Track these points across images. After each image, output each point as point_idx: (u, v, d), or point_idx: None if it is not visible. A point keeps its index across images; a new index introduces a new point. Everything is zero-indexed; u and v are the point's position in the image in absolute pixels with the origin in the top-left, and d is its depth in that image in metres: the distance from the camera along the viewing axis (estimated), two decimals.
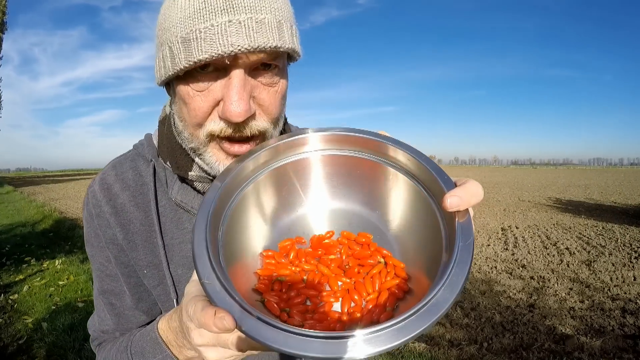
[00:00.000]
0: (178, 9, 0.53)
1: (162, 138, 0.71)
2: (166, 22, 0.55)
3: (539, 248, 6.41)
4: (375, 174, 0.56)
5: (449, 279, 0.40)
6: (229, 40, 0.50)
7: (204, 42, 0.50)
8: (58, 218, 9.57)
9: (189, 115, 0.59)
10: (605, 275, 4.94)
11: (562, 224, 8.69)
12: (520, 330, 3.46)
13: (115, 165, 0.73)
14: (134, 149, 0.75)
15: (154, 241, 0.68)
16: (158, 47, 0.58)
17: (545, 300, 4.17)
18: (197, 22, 0.51)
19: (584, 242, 6.78)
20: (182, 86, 0.57)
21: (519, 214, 10.32)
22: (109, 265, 0.71)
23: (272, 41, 0.52)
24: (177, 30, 0.52)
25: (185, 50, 0.51)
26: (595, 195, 15.57)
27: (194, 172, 0.66)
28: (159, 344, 0.59)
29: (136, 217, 0.68)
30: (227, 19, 0.50)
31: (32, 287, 4.65)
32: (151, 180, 0.69)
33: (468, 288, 4.48)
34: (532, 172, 55.43)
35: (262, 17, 0.52)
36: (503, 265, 5.45)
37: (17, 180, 35.49)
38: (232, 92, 0.53)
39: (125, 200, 0.69)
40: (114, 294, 0.72)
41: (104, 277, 0.72)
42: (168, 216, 0.69)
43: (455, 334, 3.40)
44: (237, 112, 0.53)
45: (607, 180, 28.85)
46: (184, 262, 0.68)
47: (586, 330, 3.46)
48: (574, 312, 3.86)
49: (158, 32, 0.58)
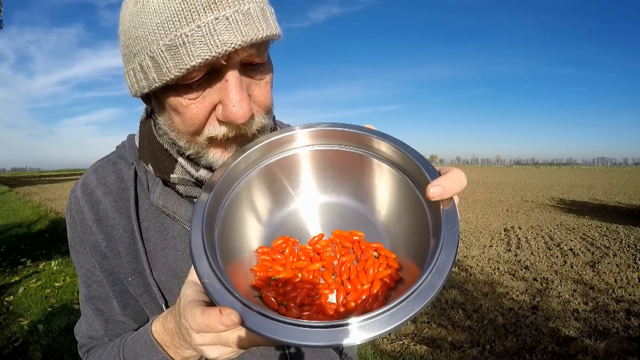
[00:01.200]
0: (151, 14, 0.49)
1: (143, 140, 0.69)
2: (137, 31, 0.50)
3: (542, 249, 6.41)
4: (363, 166, 0.57)
5: (436, 265, 0.42)
6: (220, 39, 0.47)
7: (193, 45, 0.47)
8: (54, 219, 9.57)
9: (184, 125, 0.56)
10: (610, 277, 4.93)
11: (565, 224, 8.68)
12: (523, 332, 3.46)
13: (97, 169, 0.71)
14: (117, 150, 0.74)
15: (137, 248, 0.67)
16: (129, 58, 0.55)
17: (549, 302, 4.17)
18: (180, 25, 0.47)
19: (588, 243, 6.78)
20: (172, 97, 0.54)
21: (522, 214, 10.32)
22: (95, 271, 0.70)
23: (261, 32, 0.50)
24: (156, 37, 0.49)
25: (173, 58, 0.48)
26: (599, 196, 15.56)
27: (175, 175, 0.65)
28: (154, 346, 0.59)
29: (119, 224, 0.67)
30: (213, 16, 0.47)
31: (28, 288, 4.65)
32: (132, 185, 0.68)
33: (470, 290, 4.49)
34: (535, 172, 55.45)
35: (246, 8, 0.49)
36: (506, 266, 5.45)
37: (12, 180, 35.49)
38: (231, 94, 0.52)
39: (108, 206, 0.67)
40: (101, 299, 0.72)
41: (91, 283, 0.72)
42: (151, 221, 0.68)
43: (457, 337, 3.40)
44: (241, 114, 0.52)
45: (611, 180, 28.85)
46: (168, 269, 0.67)
47: (590, 332, 3.46)
48: (577, 314, 3.86)
49: (127, 42, 0.54)
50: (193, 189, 0.66)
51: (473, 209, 11.51)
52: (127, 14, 0.53)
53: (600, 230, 7.98)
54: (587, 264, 5.53)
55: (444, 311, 3.89)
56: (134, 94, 0.58)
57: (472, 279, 4.90)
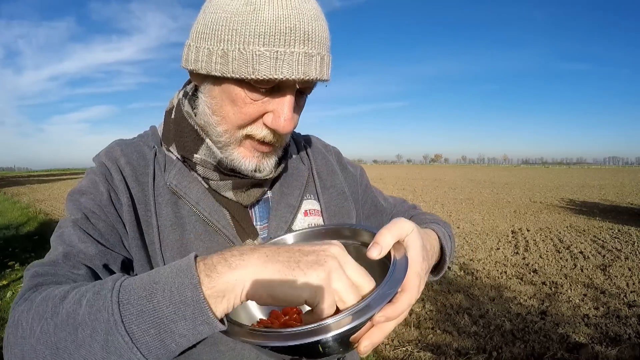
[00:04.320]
0: (259, 21, 0.58)
1: (168, 124, 0.76)
2: (236, 25, 0.59)
3: (552, 252, 6.41)
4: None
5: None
6: (302, 69, 0.60)
7: (282, 63, 0.59)
8: (43, 220, 9.57)
9: (234, 117, 0.65)
10: (622, 281, 4.93)
11: (575, 226, 8.69)
12: (531, 338, 3.46)
13: (120, 144, 0.76)
14: (138, 137, 0.80)
15: (149, 220, 0.70)
16: (209, 37, 0.62)
17: (558, 307, 4.17)
18: (279, 44, 0.58)
19: (598, 246, 6.78)
20: (237, 89, 0.63)
21: (530, 215, 10.33)
22: (99, 214, 0.67)
23: (325, 75, 0.65)
24: (255, 40, 0.58)
25: (263, 64, 0.58)
26: (610, 196, 15.58)
27: (199, 155, 0.72)
28: (190, 268, 0.46)
29: (135, 193, 0.71)
30: (304, 50, 0.60)
31: (16, 293, 4.65)
32: (151, 164, 0.73)
33: (477, 294, 4.49)
34: (544, 171, 55.46)
35: (323, 54, 0.63)
36: (513, 270, 5.45)
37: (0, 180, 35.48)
38: (285, 109, 0.63)
39: (128, 174, 0.71)
40: (97, 230, 0.65)
41: (89, 216, 0.66)
42: (164, 198, 0.72)
43: (462, 343, 3.40)
44: (288, 128, 0.64)
45: (623, 180, 28.87)
46: (173, 247, 0.69)
47: (601, 338, 3.46)
48: (588, 319, 3.86)
49: (215, 25, 0.61)
50: (212, 172, 0.73)
51: (479, 210, 11.52)
52: (229, 2, 0.61)
53: (611, 232, 7.98)
54: (598, 267, 5.53)
55: (449, 316, 3.89)
56: (193, 69, 0.66)
57: (478, 283, 4.90)
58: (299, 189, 0.81)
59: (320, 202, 0.83)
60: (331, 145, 0.98)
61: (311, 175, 0.86)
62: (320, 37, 0.62)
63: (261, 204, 0.79)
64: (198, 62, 0.64)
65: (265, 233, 0.76)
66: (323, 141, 0.98)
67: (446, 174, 42.34)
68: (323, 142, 0.98)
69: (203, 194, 0.73)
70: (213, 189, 0.73)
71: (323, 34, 0.63)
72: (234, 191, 0.73)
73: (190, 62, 0.65)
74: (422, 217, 0.90)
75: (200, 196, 0.72)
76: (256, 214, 0.78)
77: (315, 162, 0.89)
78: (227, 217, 0.73)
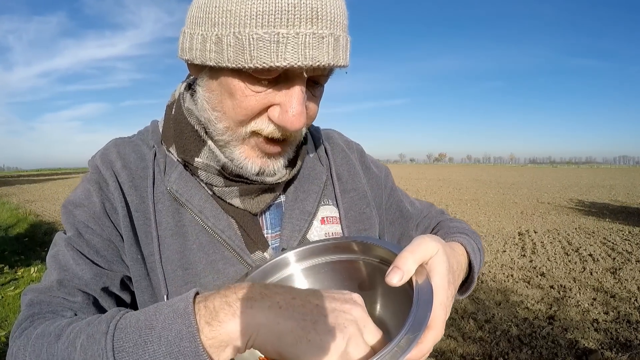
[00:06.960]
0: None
1: (169, 121, 0.70)
2: (230, 5, 0.52)
3: (560, 254, 6.41)
4: (354, 268, 0.65)
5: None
6: (310, 53, 0.52)
7: (286, 48, 0.51)
8: (34, 222, 9.57)
9: (234, 111, 0.59)
10: (632, 284, 4.93)
11: (584, 228, 8.68)
12: (539, 344, 3.46)
13: (117, 144, 0.72)
14: (138, 134, 0.76)
15: (148, 230, 0.66)
16: (202, 22, 0.56)
17: (567, 311, 4.17)
18: (281, 23, 0.51)
19: (608, 248, 6.78)
20: (235, 80, 0.56)
21: (538, 217, 10.32)
22: (94, 228, 0.66)
23: (342, 60, 0.56)
24: (252, 22, 0.51)
25: (262, 50, 0.51)
26: (621, 197, 15.58)
27: (200, 159, 0.66)
28: (187, 314, 0.45)
29: (132, 201, 0.67)
30: (312, 30, 0.52)
31: (5, 297, 4.64)
32: (151, 165, 0.69)
33: (482, 298, 4.49)
34: (551, 171, 55.50)
35: (338, 34, 0.55)
36: (520, 273, 5.45)
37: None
38: (293, 103, 0.56)
39: (125, 180, 0.67)
40: (92, 247, 0.65)
41: (83, 233, 0.65)
42: (164, 204, 0.67)
43: (468, 349, 3.40)
44: (297, 125, 0.57)
45: (634, 180, 28.88)
46: (174, 258, 0.66)
47: (611, 344, 3.46)
48: (597, 324, 3.86)
49: (208, 7, 0.55)
50: (215, 177, 0.67)
51: (485, 211, 11.52)
52: None
53: (622, 234, 7.98)
54: (607, 270, 5.53)
55: (454, 321, 3.89)
56: (189, 59, 0.60)
57: (484, 286, 4.90)
58: (316, 193, 0.75)
59: (339, 208, 0.77)
60: (354, 142, 0.90)
61: (330, 178, 0.79)
62: (332, 13, 0.53)
63: (273, 209, 0.73)
64: (192, 50, 0.58)
65: (277, 242, 0.71)
66: (346, 137, 0.90)
67: (451, 174, 42.35)
68: (346, 138, 0.90)
69: (207, 201, 0.68)
70: (218, 195, 0.68)
71: (337, 10, 0.54)
72: (241, 198, 0.68)
73: (185, 51, 0.60)
74: (450, 226, 0.84)
75: (203, 203, 0.67)
76: (267, 221, 0.72)
77: (335, 162, 0.81)
78: (234, 226, 0.68)
